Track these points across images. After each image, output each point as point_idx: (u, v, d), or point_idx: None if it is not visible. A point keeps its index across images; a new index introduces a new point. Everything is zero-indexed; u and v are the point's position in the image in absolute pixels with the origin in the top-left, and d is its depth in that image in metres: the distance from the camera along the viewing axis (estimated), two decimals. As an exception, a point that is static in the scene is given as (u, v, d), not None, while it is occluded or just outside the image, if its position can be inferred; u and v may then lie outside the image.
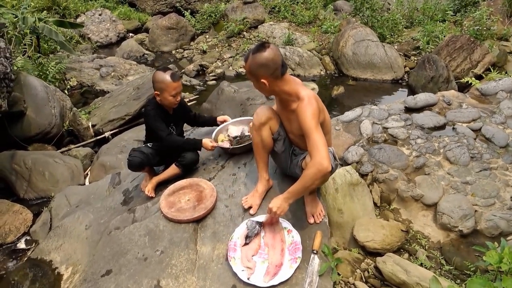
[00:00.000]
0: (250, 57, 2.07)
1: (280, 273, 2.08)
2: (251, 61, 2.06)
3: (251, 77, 2.15)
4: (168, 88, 2.58)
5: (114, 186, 3.28)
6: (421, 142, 3.36)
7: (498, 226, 2.72)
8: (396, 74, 7.06)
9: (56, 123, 4.60)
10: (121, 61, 7.79)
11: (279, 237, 2.22)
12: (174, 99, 2.63)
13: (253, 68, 2.07)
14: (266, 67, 2.05)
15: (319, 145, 1.98)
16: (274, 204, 2.11)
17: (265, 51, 2.03)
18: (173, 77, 2.59)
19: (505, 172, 3.11)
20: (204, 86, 7.18)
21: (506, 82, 4.03)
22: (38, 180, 3.87)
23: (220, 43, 9.23)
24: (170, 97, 2.60)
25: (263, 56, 2.03)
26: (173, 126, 2.87)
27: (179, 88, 2.63)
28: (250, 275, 2.08)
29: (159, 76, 2.60)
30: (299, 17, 9.74)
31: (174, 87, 2.58)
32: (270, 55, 2.04)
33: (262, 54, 2.03)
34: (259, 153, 2.46)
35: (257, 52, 2.04)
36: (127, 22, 11.34)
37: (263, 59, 2.03)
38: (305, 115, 2.05)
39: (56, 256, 2.76)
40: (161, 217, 2.50)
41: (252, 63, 2.06)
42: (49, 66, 6.03)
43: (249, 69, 2.10)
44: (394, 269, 2.30)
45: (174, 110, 2.81)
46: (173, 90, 2.59)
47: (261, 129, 2.34)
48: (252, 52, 2.07)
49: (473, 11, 8.56)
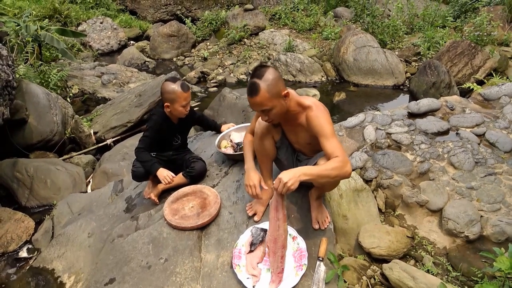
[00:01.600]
0: (260, 82, 1.95)
1: (285, 281, 2.06)
2: (265, 83, 1.95)
3: (271, 101, 1.99)
4: (179, 99, 2.58)
5: (117, 194, 3.26)
6: (425, 147, 3.35)
7: (505, 231, 2.69)
8: (397, 80, 7.06)
9: (58, 130, 4.59)
10: (123, 69, 7.81)
11: (280, 242, 2.13)
12: (184, 109, 2.64)
13: (272, 87, 1.96)
14: (281, 79, 2.04)
15: (341, 149, 1.98)
16: (286, 175, 1.84)
17: (269, 68, 2.01)
18: (183, 87, 2.59)
19: (510, 177, 3.09)
20: (206, 93, 7.18)
21: (509, 87, 4.02)
22: (40, 188, 3.85)
23: (221, 50, 9.25)
24: (180, 107, 2.61)
25: (272, 72, 1.99)
26: (178, 135, 2.87)
27: (189, 98, 2.63)
28: (255, 283, 2.06)
29: (169, 87, 2.58)
30: (299, 24, 9.77)
31: (185, 97, 2.59)
32: (275, 69, 2.03)
33: (270, 70, 1.99)
34: (263, 161, 2.45)
35: (264, 73, 1.97)
36: (128, 30, 11.39)
37: (275, 74, 1.99)
38: (321, 122, 2.04)
39: (59, 265, 2.73)
40: (165, 225, 2.49)
41: (268, 84, 1.95)
42: (51, 74, 6.03)
43: (268, 93, 1.96)
44: (401, 276, 2.28)
45: (179, 120, 2.80)
46: (184, 101, 2.59)
47: (264, 138, 2.32)
48: (257, 77, 1.97)
49: (473, 17, 8.57)
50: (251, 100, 2.01)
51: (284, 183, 1.82)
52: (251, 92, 1.98)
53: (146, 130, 2.72)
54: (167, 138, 2.82)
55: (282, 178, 1.84)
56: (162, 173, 2.64)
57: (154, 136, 2.70)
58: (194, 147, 3.26)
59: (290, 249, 2.22)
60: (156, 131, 2.69)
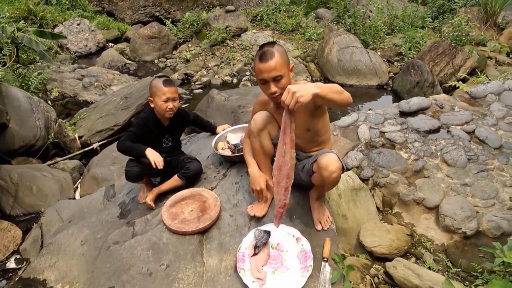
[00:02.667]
0: (274, 48, 2.04)
1: (292, 283, 2.03)
2: (279, 49, 2.05)
3: (284, 68, 2.04)
4: (158, 93, 2.57)
5: (109, 199, 3.16)
6: (418, 145, 3.38)
7: (500, 226, 2.74)
8: (381, 80, 7.15)
9: (41, 135, 4.42)
10: (104, 71, 7.62)
11: (285, 171, 1.93)
12: (166, 105, 2.58)
13: (284, 54, 2.06)
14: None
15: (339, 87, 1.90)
16: (297, 87, 1.69)
17: (275, 43, 2.10)
18: (165, 82, 2.60)
19: (501, 172, 3.16)
20: (191, 95, 7.09)
21: (494, 85, 4.12)
22: (25, 195, 3.69)
23: (204, 51, 9.16)
24: (161, 102, 2.58)
25: (281, 46, 2.09)
26: (168, 137, 2.80)
27: (169, 94, 2.58)
28: (261, 286, 2.02)
29: (153, 81, 2.64)
30: (282, 25, 9.78)
31: (164, 91, 2.56)
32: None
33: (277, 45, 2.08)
34: (261, 159, 2.41)
35: (274, 44, 2.07)
36: (106, 31, 11.15)
37: (283, 48, 2.10)
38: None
39: (50, 275, 2.62)
40: (164, 230, 2.41)
41: (281, 50, 2.05)
42: (31, 77, 5.82)
43: (281, 58, 2.03)
44: (405, 273, 2.28)
45: (170, 122, 2.75)
46: (163, 95, 2.56)
47: (260, 135, 2.30)
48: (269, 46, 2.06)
49: (451, 18, 8.80)
50: (265, 65, 2.02)
51: (293, 92, 1.67)
52: (266, 56, 2.01)
53: (132, 127, 2.68)
54: (155, 139, 2.74)
55: (291, 88, 1.69)
56: (153, 154, 2.54)
57: (139, 133, 2.63)
58: (188, 150, 3.19)
59: (295, 251, 2.19)
60: (141, 127, 2.65)
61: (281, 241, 2.26)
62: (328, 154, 2.10)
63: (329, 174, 2.05)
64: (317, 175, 2.17)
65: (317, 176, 2.18)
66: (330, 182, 2.13)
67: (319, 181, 2.22)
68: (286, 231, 2.27)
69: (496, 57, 7.32)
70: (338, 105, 1.92)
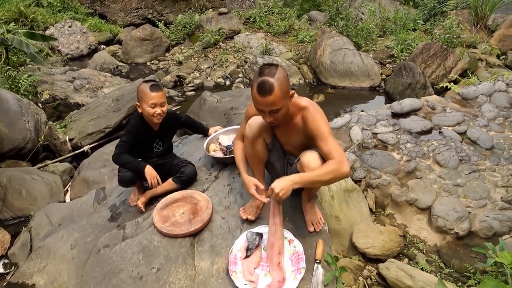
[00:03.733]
0: (273, 81, 1.89)
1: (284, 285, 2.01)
2: (278, 81, 1.89)
3: (282, 101, 1.94)
4: (145, 98, 2.50)
5: (99, 202, 3.12)
6: (410, 146, 3.39)
7: (492, 226, 2.75)
8: (373, 82, 7.18)
9: (31, 138, 4.36)
10: (95, 73, 7.56)
11: (277, 248, 2.10)
12: (153, 111, 2.51)
13: (284, 85, 1.93)
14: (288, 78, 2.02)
15: (338, 149, 1.98)
16: (277, 184, 1.89)
17: (278, 66, 1.97)
18: (151, 87, 2.51)
19: (493, 173, 3.17)
20: (183, 97, 7.06)
21: (485, 86, 4.15)
22: (14, 199, 3.63)
23: (196, 54, 9.14)
24: (148, 107, 2.51)
25: (282, 71, 1.96)
26: (159, 142, 2.76)
27: (156, 99, 2.50)
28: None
29: (140, 86, 2.57)
30: (274, 27, 9.79)
31: (151, 97, 2.49)
32: (283, 68, 2.01)
33: (280, 69, 1.95)
34: (255, 165, 2.38)
35: (276, 72, 1.92)
36: (98, 34, 11.08)
37: (285, 73, 1.97)
38: (318, 123, 2.02)
39: (40, 279, 2.58)
40: (155, 233, 2.39)
41: (281, 82, 1.91)
42: (21, 79, 5.75)
43: (280, 92, 1.90)
44: (398, 275, 2.27)
45: (161, 126, 2.70)
46: (150, 100, 2.49)
47: (255, 141, 2.25)
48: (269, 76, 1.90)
49: (442, 20, 8.87)
50: (263, 100, 1.92)
51: (276, 193, 1.89)
52: (265, 91, 1.90)
53: (123, 135, 2.61)
54: (146, 144, 2.70)
55: (274, 188, 1.90)
56: (151, 173, 2.53)
57: (132, 141, 2.59)
58: (180, 152, 3.16)
59: (287, 253, 2.17)
60: (133, 135, 2.59)
61: None
62: (309, 152, 2.08)
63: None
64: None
65: None
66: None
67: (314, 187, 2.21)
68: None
69: (487, 59, 7.40)
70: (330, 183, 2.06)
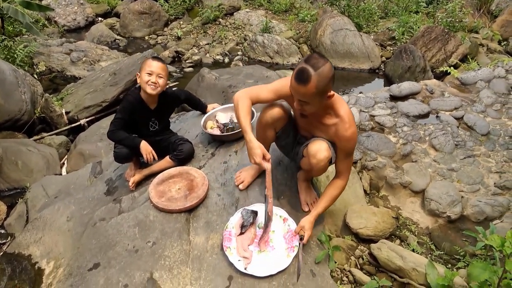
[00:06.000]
0: (313, 73, 1.76)
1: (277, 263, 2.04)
2: (318, 77, 1.77)
3: (314, 97, 1.84)
4: (145, 66, 2.52)
5: (96, 176, 3.12)
6: (407, 130, 3.40)
7: (484, 211, 2.79)
8: (373, 64, 7.14)
9: (27, 109, 4.34)
10: (93, 46, 7.46)
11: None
12: (148, 78, 2.49)
13: (323, 84, 1.79)
14: (333, 78, 1.86)
15: (349, 170, 2.16)
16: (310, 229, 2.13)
17: (328, 62, 1.82)
18: (154, 58, 2.58)
19: (487, 159, 3.20)
20: (181, 73, 7.01)
21: (484, 72, 4.13)
22: (10, 170, 3.63)
23: (195, 29, 9.01)
24: (145, 74, 2.50)
25: (329, 68, 1.82)
26: (155, 121, 2.72)
27: (155, 68, 2.49)
28: (246, 265, 2.04)
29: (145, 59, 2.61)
30: (275, 5, 9.64)
31: (150, 65, 2.50)
32: (331, 64, 1.85)
33: (328, 65, 1.81)
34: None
35: (321, 66, 1.78)
36: (95, 5, 10.89)
37: (331, 71, 1.83)
38: (349, 141, 2.01)
39: (36, 250, 2.60)
40: (151, 207, 2.40)
41: (321, 79, 1.78)
42: (17, 49, 5.67)
43: (315, 89, 1.79)
44: (389, 255, 2.32)
45: (157, 105, 2.67)
46: (148, 68, 2.49)
47: (266, 129, 2.23)
48: (312, 67, 1.78)
49: (445, 3, 8.76)
50: (296, 86, 1.83)
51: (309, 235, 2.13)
52: (300, 79, 1.80)
53: (118, 112, 2.58)
54: (141, 122, 2.68)
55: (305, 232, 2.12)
56: (146, 148, 2.53)
57: (127, 118, 2.56)
58: (177, 128, 3.15)
59: (281, 231, 2.21)
60: (128, 112, 2.56)
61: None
62: (319, 142, 2.04)
63: (316, 162, 2.02)
64: (306, 159, 2.14)
65: (306, 161, 2.15)
66: (317, 169, 2.11)
67: (306, 166, 2.20)
68: (273, 212, 2.28)
69: (488, 45, 7.35)
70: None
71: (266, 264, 2.04)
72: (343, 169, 2.13)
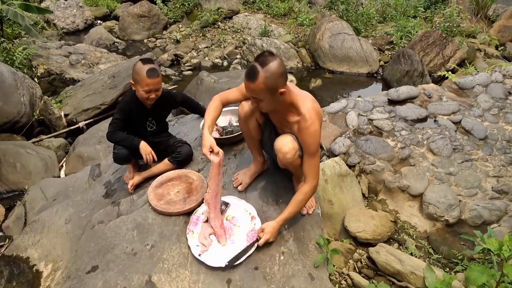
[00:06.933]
0: (260, 70, 1.83)
1: (230, 257, 2.06)
2: (266, 74, 1.83)
3: (264, 94, 1.89)
4: (141, 83, 2.41)
5: (94, 178, 3.13)
6: (405, 133, 3.41)
7: (481, 215, 2.80)
8: (371, 68, 7.16)
9: (25, 112, 4.33)
10: (92, 49, 7.47)
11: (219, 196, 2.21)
12: (147, 96, 2.45)
13: (271, 80, 1.84)
14: (284, 75, 1.90)
15: (315, 171, 2.07)
16: (270, 233, 2.08)
17: (276, 59, 1.86)
18: (148, 73, 2.38)
19: (485, 163, 3.21)
20: (180, 76, 7.01)
21: (482, 76, 4.16)
22: (8, 172, 3.63)
23: (194, 33, 9.03)
24: (142, 91, 2.44)
25: (277, 64, 1.85)
26: (152, 120, 2.72)
27: (152, 86, 2.42)
28: (202, 252, 2.09)
29: (138, 66, 2.43)
30: (274, 9, 9.67)
31: (147, 83, 2.40)
32: (281, 61, 1.90)
33: (276, 62, 1.85)
34: (250, 141, 2.43)
35: (269, 63, 1.83)
36: (94, 8, 10.90)
37: (279, 68, 1.86)
38: (310, 139, 2.00)
39: (34, 253, 2.60)
40: (150, 210, 2.40)
41: (269, 75, 1.83)
42: (16, 52, 5.67)
43: (264, 85, 1.84)
44: (388, 259, 2.32)
45: (154, 105, 2.63)
46: (146, 86, 2.41)
47: (248, 121, 2.28)
48: (260, 64, 1.84)
49: (443, 8, 8.82)
50: (246, 83, 1.93)
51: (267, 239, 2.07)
52: (248, 76, 1.88)
53: (116, 113, 2.56)
54: (138, 122, 2.67)
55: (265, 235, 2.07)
56: (146, 148, 2.51)
57: (125, 119, 2.55)
58: (176, 131, 3.15)
59: (246, 228, 2.22)
60: (126, 112, 2.55)
61: (236, 215, 2.30)
62: (284, 136, 2.09)
63: (283, 156, 2.07)
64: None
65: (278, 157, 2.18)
66: (287, 163, 2.14)
67: (281, 163, 2.23)
68: (245, 208, 2.31)
69: (485, 50, 7.39)
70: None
71: (220, 256, 2.07)
72: (308, 171, 2.06)
